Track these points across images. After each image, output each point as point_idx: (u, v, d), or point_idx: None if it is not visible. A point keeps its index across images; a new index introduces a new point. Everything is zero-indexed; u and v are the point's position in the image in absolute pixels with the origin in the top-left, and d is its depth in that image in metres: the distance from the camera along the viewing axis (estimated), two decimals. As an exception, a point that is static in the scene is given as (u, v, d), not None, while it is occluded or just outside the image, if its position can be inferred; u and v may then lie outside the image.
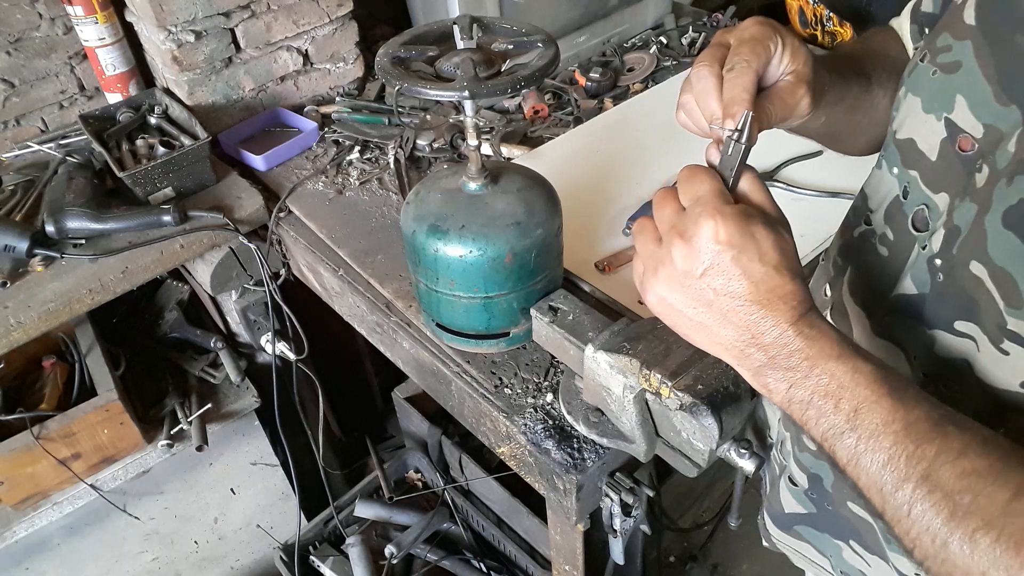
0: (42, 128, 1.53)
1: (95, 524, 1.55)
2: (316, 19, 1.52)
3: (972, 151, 0.59)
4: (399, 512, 1.81)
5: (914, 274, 0.65)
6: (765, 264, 0.54)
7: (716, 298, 0.56)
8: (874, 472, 0.52)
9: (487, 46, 0.85)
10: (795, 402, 0.56)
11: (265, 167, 1.45)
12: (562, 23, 1.65)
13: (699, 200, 0.56)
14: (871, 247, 0.72)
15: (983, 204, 0.56)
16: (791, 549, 0.94)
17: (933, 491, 0.50)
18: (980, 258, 0.57)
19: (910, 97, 0.67)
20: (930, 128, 0.63)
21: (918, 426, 0.51)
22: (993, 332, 0.58)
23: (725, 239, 0.54)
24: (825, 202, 1.27)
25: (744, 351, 0.57)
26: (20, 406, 1.40)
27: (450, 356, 1.07)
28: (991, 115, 0.57)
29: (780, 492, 0.91)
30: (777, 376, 0.56)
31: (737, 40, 0.63)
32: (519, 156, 1.43)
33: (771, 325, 0.55)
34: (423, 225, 0.91)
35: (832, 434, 0.54)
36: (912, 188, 0.66)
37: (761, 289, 0.55)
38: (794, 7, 1.98)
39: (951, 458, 0.50)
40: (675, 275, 0.57)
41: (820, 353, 0.54)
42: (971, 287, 0.58)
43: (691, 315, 0.58)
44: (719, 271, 0.55)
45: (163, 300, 1.65)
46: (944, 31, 0.64)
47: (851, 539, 0.80)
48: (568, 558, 1.12)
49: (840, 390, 0.54)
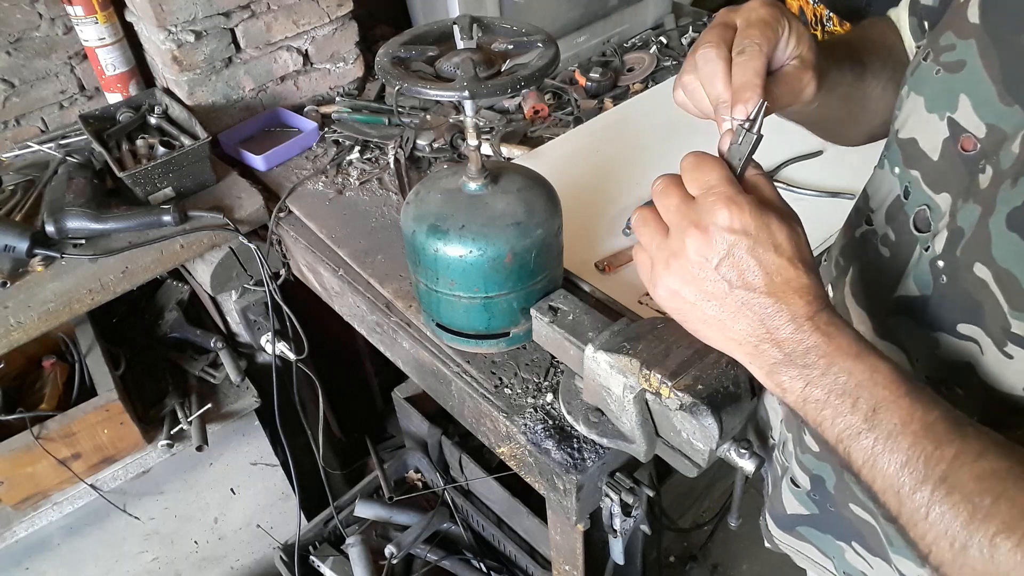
0: (42, 128, 1.53)
1: (95, 524, 1.55)
2: (316, 19, 1.52)
3: (974, 151, 0.58)
4: (399, 512, 1.81)
5: (916, 275, 0.65)
6: (781, 255, 0.53)
7: (731, 290, 0.54)
8: (891, 474, 0.51)
9: (487, 46, 0.85)
10: (811, 401, 0.54)
11: (265, 167, 1.45)
12: (562, 23, 1.65)
13: (711, 189, 0.54)
14: (873, 247, 0.72)
15: (987, 206, 0.56)
16: (793, 550, 0.94)
17: (952, 493, 0.48)
18: (984, 260, 0.56)
19: (913, 96, 0.66)
20: (933, 128, 0.63)
21: (937, 427, 0.50)
22: (997, 335, 0.57)
23: (741, 228, 0.53)
24: (825, 202, 1.27)
25: (758, 347, 0.55)
26: (20, 406, 1.40)
27: (450, 356, 1.07)
28: (995, 115, 0.57)
29: (782, 493, 0.91)
30: (793, 374, 0.54)
31: (745, 21, 0.61)
32: (519, 156, 1.43)
33: (787, 319, 0.53)
34: (423, 225, 0.91)
35: (848, 435, 0.53)
36: (913, 188, 0.65)
37: (777, 281, 0.53)
38: (794, 7, 1.98)
39: (971, 460, 0.48)
40: (688, 266, 0.55)
41: (838, 351, 0.53)
42: (975, 290, 0.58)
43: (704, 309, 0.56)
44: (734, 261, 0.53)
45: (163, 300, 1.65)
46: (948, 29, 0.63)
47: (853, 540, 0.80)
48: (568, 558, 1.12)
49: (858, 388, 0.52)
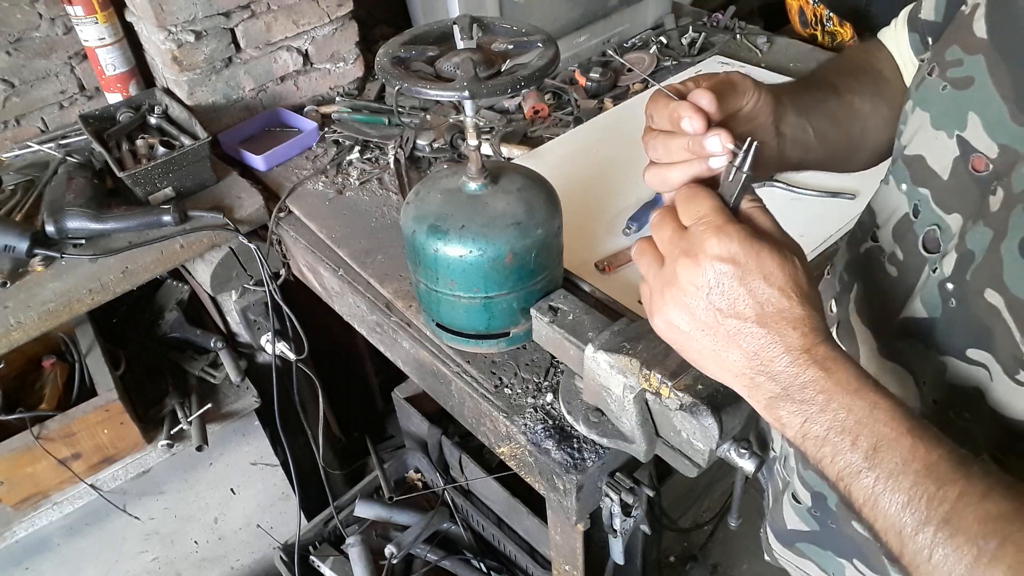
0: (42, 128, 1.53)
1: (95, 524, 1.55)
2: (316, 19, 1.52)
3: (986, 172, 0.57)
4: (399, 512, 1.81)
5: (924, 297, 0.63)
6: (771, 285, 0.52)
7: (723, 320, 0.53)
8: (893, 514, 0.49)
9: (487, 46, 0.85)
10: (809, 438, 0.53)
11: (265, 167, 1.45)
12: (562, 23, 1.65)
13: (702, 219, 0.54)
14: (879, 265, 0.71)
15: (998, 229, 0.55)
16: (793, 565, 0.93)
17: (955, 535, 0.46)
18: (996, 287, 0.55)
19: (918, 112, 0.65)
20: (942, 145, 0.61)
21: (940, 466, 0.49)
22: (1008, 362, 0.56)
23: (729, 256, 0.52)
24: (825, 202, 1.27)
25: (754, 379, 0.54)
26: (20, 406, 1.39)
27: (450, 356, 1.07)
28: (1007, 135, 0.55)
29: (783, 508, 0.90)
30: (791, 409, 0.53)
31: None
32: (519, 156, 1.43)
33: (781, 351, 0.52)
34: (423, 225, 0.91)
35: (848, 473, 0.51)
36: (923, 207, 0.64)
37: (768, 311, 0.52)
38: (794, 7, 1.98)
39: (975, 500, 0.47)
40: (681, 295, 0.55)
41: (837, 386, 0.52)
42: (986, 316, 0.56)
43: (699, 339, 0.55)
44: (724, 290, 0.53)
45: (163, 300, 1.65)
46: (953, 43, 0.62)
47: (855, 558, 0.79)
48: (568, 558, 1.12)
49: (858, 426, 0.51)
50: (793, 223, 0.59)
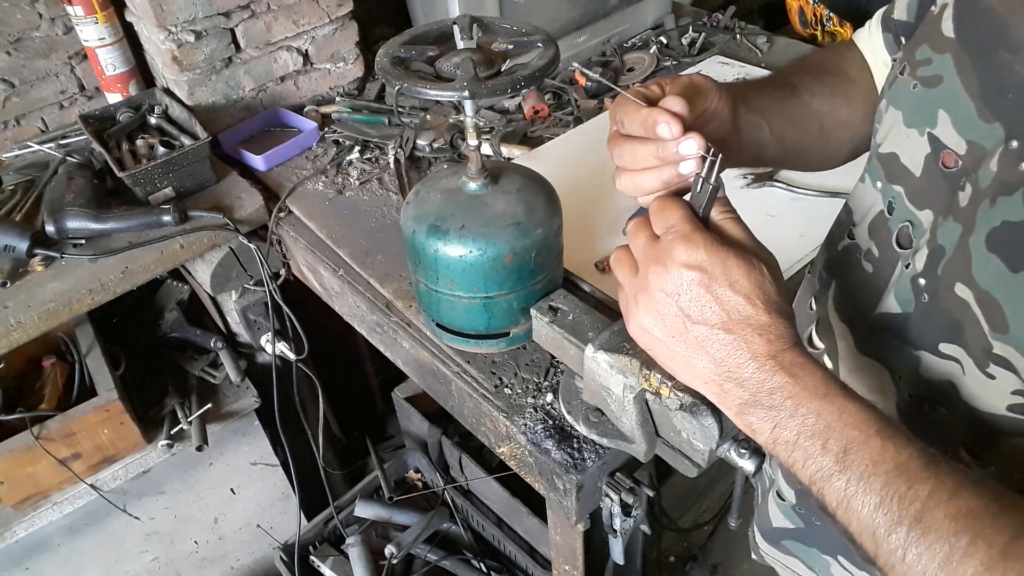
0: (42, 128, 1.53)
1: (95, 524, 1.55)
2: (316, 19, 1.52)
3: (956, 168, 0.58)
4: (399, 512, 1.81)
5: (898, 292, 0.64)
6: (737, 292, 0.53)
7: (691, 326, 0.55)
8: (865, 516, 0.50)
9: (487, 46, 0.85)
10: (780, 443, 0.53)
11: (265, 167, 1.45)
12: (562, 23, 1.65)
13: (671, 227, 0.56)
14: (856, 262, 0.72)
15: (967, 224, 0.55)
16: (779, 563, 0.93)
17: (927, 533, 0.47)
18: (965, 280, 0.56)
19: (891, 110, 0.66)
20: (914, 143, 0.62)
21: (910, 465, 0.49)
22: (979, 356, 0.57)
23: (696, 263, 0.54)
24: (825, 202, 1.27)
25: (723, 386, 0.55)
26: (20, 406, 1.40)
27: (450, 356, 1.07)
28: (974, 132, 0.56)
29: (769, 506, 0.90)
30: (760, 415, 0.54)
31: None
32: (519, 156, 1.43)
33: (747, 358, 0.54)
34: (423, 225, 0.91)
35: (820, 476, 0.52)
36: (897, 204, 0.65)
37: (734, 318, 0.54)
38: (794, 7, 1.99)
39: (945, 498, 0.47)
40: (652, 301, 0.57)
41: (804, 391, 0.52)
42: (956, 310, 0.57)
43: (670, 345, 0.57)
44: (691, 296, 0.54)
45: (163, 300, 1.65)
46: (923, 43, 0.63)
47: (839, 555, 0.80)
48: (568, 558, 1.12)
49: (827, 430, 0.51)
50: (793, 223, 0.59)
